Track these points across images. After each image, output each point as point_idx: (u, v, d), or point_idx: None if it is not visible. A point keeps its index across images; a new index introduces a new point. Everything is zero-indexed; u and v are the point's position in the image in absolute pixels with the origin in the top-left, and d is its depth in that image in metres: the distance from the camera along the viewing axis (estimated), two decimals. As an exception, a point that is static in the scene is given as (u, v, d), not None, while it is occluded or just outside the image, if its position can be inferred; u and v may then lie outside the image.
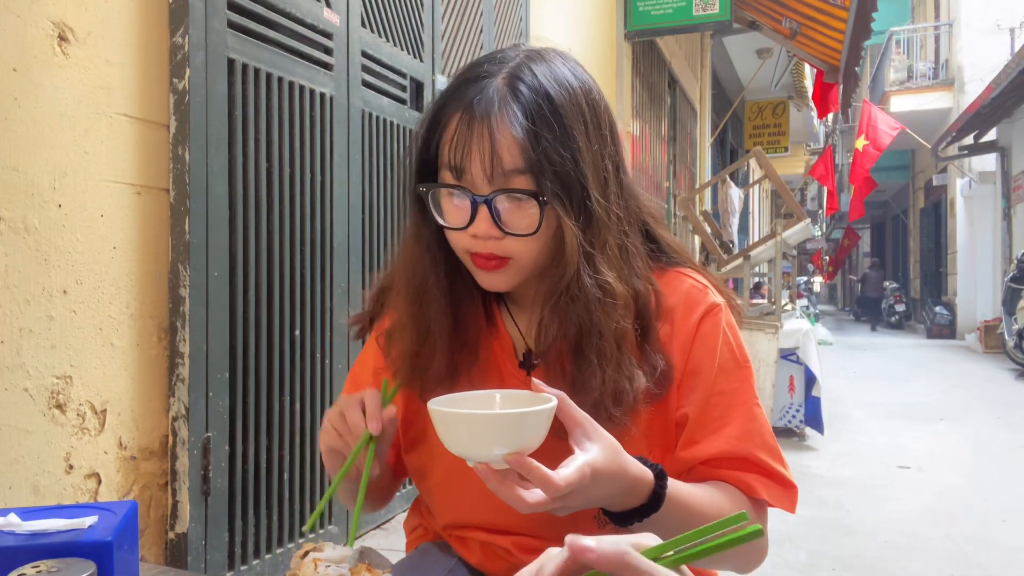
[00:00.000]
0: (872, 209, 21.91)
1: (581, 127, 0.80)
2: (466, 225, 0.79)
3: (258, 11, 1.98)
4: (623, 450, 0.71)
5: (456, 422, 0.66)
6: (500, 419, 0.66)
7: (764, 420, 0.86)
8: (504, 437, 0.64)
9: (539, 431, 0.66)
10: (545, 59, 0.82)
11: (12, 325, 1.43)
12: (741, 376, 0.86)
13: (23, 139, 1.44)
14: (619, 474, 0.70)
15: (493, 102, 0.77)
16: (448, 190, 0.80)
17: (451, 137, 0.79)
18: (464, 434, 0.66)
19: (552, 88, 0.79)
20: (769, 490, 0.82)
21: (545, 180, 0.77)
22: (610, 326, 0.80)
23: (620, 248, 0.83)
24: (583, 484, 0.66)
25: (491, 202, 0.77)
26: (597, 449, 0.68)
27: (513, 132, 0.76)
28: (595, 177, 0.81)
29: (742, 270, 5.33)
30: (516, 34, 3.69)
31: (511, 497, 0.65)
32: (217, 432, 1.84)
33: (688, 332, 0.85)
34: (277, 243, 2.05)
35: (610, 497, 0.71)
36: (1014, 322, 8.29)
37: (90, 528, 0.68)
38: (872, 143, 10.56)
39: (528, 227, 0.78)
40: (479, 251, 0.80)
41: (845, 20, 5.60)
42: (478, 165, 0.77)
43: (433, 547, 0.97)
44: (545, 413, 0.66)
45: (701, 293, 0.88)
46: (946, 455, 4.42)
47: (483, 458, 0.66)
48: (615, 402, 0.79)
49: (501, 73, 0.80)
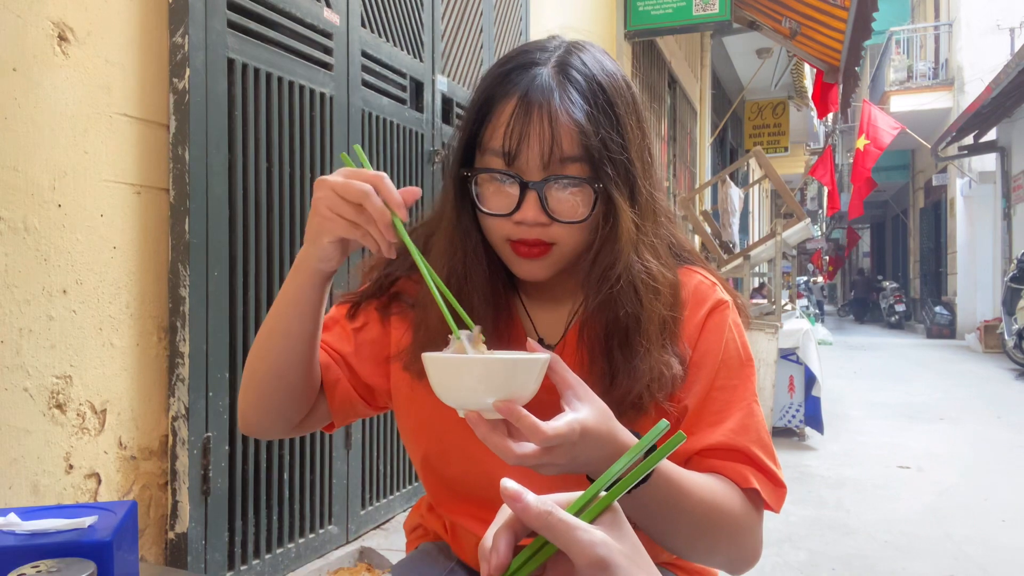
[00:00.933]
0: (872, 209, 21.92)
1: (629, 116, 0.81)
2: (512, 212, 0.78)
3: (258, 11, 1.98)
4: (614, 417, 0.72)
5: (448, 368, 0.66)
6: (492, 364, 0.66)
7: (761, 418, 0.86)
8: (495, 384, 0.64)
9: (530, 382, 0.67)
10: (588, 48, 0.84)
11: (12, 325, 1.43)
12: (743, 374, 0.86)
13: (23, 139, 1.44)
14: (609, 438, 0.70)
15: (552, 89, 0.77)
16: (492, 176, 0.79)
17: (506, 123, 0.78)
18: (456, 380, 0.66)
19: (602, 76, 0.80)
20: (761, 484, 0.82)
21: (602, 167, 0.77)
22: (656, 311, 0.80)
23: (659, 237, 0.85)
24: (571, 440, 0.66)
25: (541, 188, 0.77)
26: (588, 409, 0.69)
27: (574, 117, 0.77)
28: (641, 165, 0.82)
29: (742, 270, 5.33)
30: (516, 34, 3.69)
31: (499, 446, 0.65)
32: (217, 432, 1.84)
33: (695, 326, 0.86)
34: (277, 243, 2.05)
35: (598, 461, 0.71)
36: (1014, 322, 8.29)
37: (90, 528, 0.68)
38: (873, 142, 10.57)
39: (577, 214, 0.78)
40: (524, 237, 0.79)
41: (845, 20, 5.60)
42: (536, 151, 0.77)
43: (433, 547, 0.98)
44: (537, 363, 0.67)
45: (709, 289, 0.88)
46: (946, 455, 4.42)
47: (474, 405, 0.65)
48: (660, 387, 0.80)
49: (551, 61, 0.80)
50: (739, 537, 0.81)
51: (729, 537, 0.80)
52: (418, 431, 0.91)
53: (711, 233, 5.67)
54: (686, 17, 5.21)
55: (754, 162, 6.54)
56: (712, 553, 0.82)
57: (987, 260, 12.21)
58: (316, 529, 2.23)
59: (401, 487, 2.70)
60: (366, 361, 0.92)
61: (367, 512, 2.49)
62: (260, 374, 0.85)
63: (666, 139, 6.87)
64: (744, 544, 0.82)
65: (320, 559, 2.24)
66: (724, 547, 0.81)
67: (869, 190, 11.87)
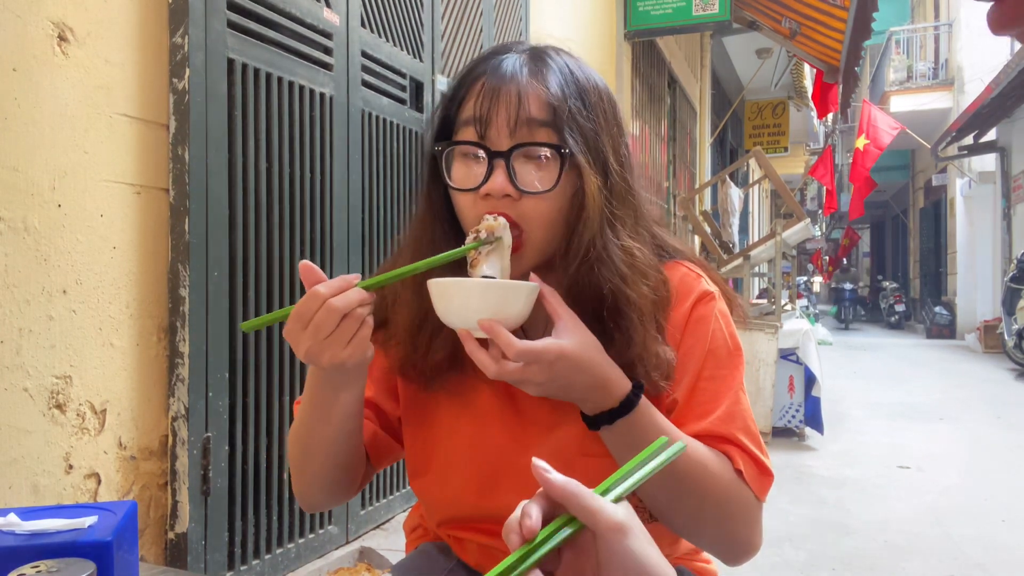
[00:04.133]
0: (872, 209, 21.91)
1: (601, 107, 0.83)
2: (480, 184, 0.78)
3: (258, 11, 1.98)
4: (603, 351, 0.76)
5: (444, 290, 0.73)
6: (477, 287, 0.72)
7: (747, 406, 0.86)
8: (481, 305, 0.71)
9: (515, 305, 0.73)
10: (564, 51, 0.86)
11: (12, 325, 1.43)
12: (731, 364, 0.86)
13: (23, 139, 1.44)
14: (589, 366, 0.73)
15: (522, 65, 0.81)
16: (464, 154, 0.81)
17: (476, 94, 0.80)
18: (448, 301, 0.73)
19: (575, 68, 0.83)
20: (745, 468, 0.82)
21: (571, 135, 0.78)
22: (644, 293, 0.80)
23: (638, 233, 0.85)
24: (547, 359, 0.71)
25: (509, 157, 0.78)
26: (569, 336, 0.73)
27: (544, 84, 0.79)
28: (614, 153, 0.83)
29: (742, 270, 5.33)
30: (516, 34, 3.69)
31: (482, 360, 0.72)
32: (217, 432, 1.84)
33: (681, 318, 0.85)
34: (277, 243, 2.05)
35: (582, 390, 0.75)
36: (1014, 322, 8.29)
37: (90, 528, 0.68)
38: (873, 142, 10.57)
39: (545, 184, 0.78)
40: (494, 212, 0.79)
41: (845, 20, 5.60)
42: (503, 115, 0.78)
43: (433, 548, 0.97)
44: (522, 289, 0.73)
45: (695, 281, 0.88)
46: (946, 455, 4.42)
47: (463, 324, 0.73)
48: (655, 366, 0.80)
49: (525, 51, 0.83)
50: (728, 507, 0.80)
51: (716, 505, 0.79)
52: (431, 450, 0.92)
53: (711, 233, 5.68)
54: (686, 17, 5.21)
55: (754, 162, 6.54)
56: (699, 520, 0.81)
57: (987, 260, 12.20)
58: (316, 529, 2.23)
59: (401, 487, 2.70)
60: (385, 396, 0.94)
61: (367, 512, 2.49)
62: (318, 465, 0.87)
63: (666, 139, 6.87)
64: (734, 519, 0.81)
65: (320, 559, 2.24)
66: (711, 514, 0.80)
67: (869, 190, 11.86)
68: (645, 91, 5.99)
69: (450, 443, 0.88)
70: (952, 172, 13.58)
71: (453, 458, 0.88)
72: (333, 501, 0.92)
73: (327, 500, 0.92)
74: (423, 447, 0.91)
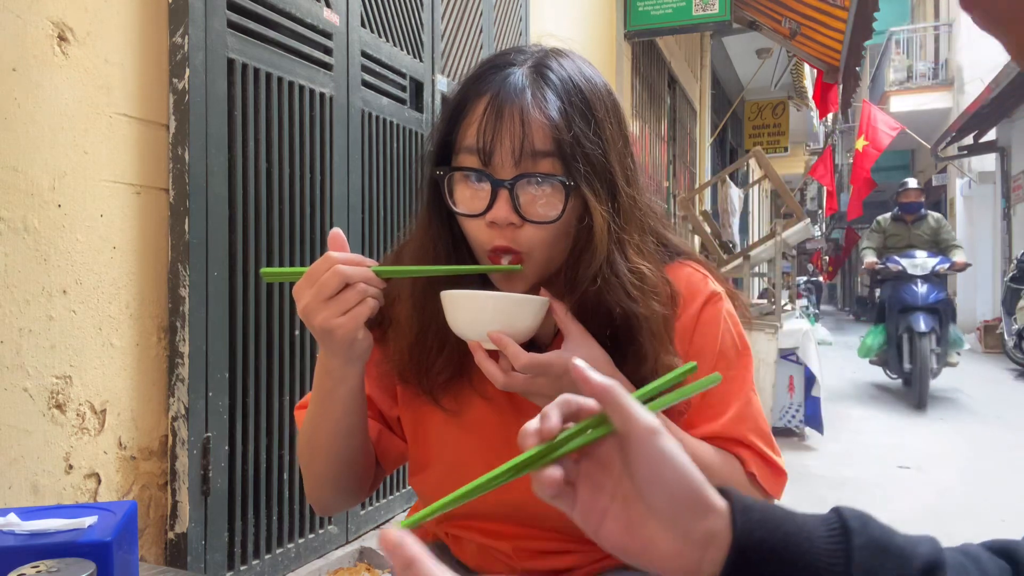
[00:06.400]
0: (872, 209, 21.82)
1: (607, 119, 0.80)
2: (484, 211, 0.77)
3: (258, 11, 1.98)
4: (613, 365, 0.77)
5: (455, 302, 0.75)
6: (488, 299, 0.74)
7: (758, 407, 0.86)
8: (491, 317, 0.73)
9: (527, 319, 0.75)
10: (568, 55, 0.83)
11: (12, 325, 1.43)
12: (740, 364, 0.86)
13: (23, 139, 1.44)
14: None
15: (524, 87, 0.77)
16: (467, 177, 0.79)
17: (478, 120, 0.77)
18: (459, 313, 0.75)
19: (579, 79, 0.80)
20: (758, 469, 0.82)
21: (575, 164, 0.76)
22: (654, 308, 0.80)
23: (644, 243, 0.84)
24: (554, 372, 0.73)
25: (513, 187, 0.76)
26: (580, 351, 0.75)
27: (547, 113, 0.76)
28: (621, 169, 0.81)
29: (742, 270, 5.33)
30: (516, 34, 3.69)
31: (490, 370, 0.74)
32: (217, 432, 1.84)
33: (690, 320, 0.85)
34: (277, 243, 2.05)
35: None
36: (1014, 322, 8.28)
37: (90, 528, 0.68)
38: (872, 143, 10.55)
39: (549, 214, 0.77)
40: (496, 245, 0.78)
41: (845, 20, 5.60)
42: (507, 145, 0.76)
43: (432, 548, 0.97)
44: (535, 303, 0.75)
45: (702, 281, 0.88)
46: (946, 455, 4.42)
47: (474, 336, 0.75)
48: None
49: (527, 63, 0.80)
50: None
51: None
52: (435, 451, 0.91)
53: (711, 233, 5.67)
54: (686, 17, 5.21)
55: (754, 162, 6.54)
56: None
57: (987, 260, 12.20)
58: (316, 529, 2.23)
59: (401, 487, 2.70)
60: (385, 396, 0.94)
61: (367, 512, 2.49)
62: (323, 463, 0.88)
63: (666, 139, 6.87)
64: None
65: (320, 559, 2.24)
66: None
67: (868, 191, 11.86)
68: (645, 91, 5.99)
69: (449, 439, 0.88)
70: (952, 172, 13.59)
71: (452, 455, 0.88)
72: (344, 502, 0.93)
73: (337, 501, 0.92)
74: (423, 443, 0.91)
